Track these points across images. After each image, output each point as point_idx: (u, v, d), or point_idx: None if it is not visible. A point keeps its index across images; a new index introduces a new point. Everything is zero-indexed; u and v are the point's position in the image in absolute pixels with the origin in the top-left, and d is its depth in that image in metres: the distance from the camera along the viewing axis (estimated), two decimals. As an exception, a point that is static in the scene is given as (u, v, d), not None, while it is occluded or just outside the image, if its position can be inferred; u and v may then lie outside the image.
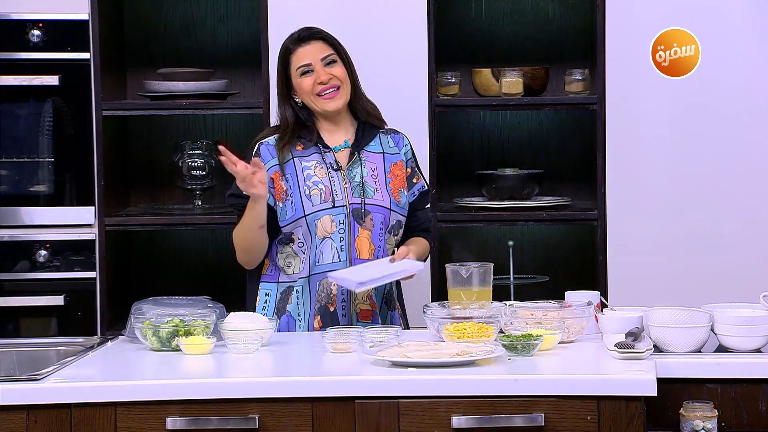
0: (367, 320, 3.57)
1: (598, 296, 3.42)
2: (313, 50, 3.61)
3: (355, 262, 3.55)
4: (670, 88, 4.36)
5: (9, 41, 4.42)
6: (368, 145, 3.65)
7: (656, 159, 4.40)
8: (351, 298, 3.56)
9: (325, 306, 3.56)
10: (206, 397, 2.90)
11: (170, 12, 4.83)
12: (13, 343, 3.51)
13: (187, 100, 4.50)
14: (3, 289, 4.46)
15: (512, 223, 4.50)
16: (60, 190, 4.47)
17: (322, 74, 3.59)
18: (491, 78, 4.53)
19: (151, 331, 3.23)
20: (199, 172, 4.61)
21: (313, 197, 3.57)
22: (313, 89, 3.59)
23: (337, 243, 3.56)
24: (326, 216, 3.56)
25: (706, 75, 4.34)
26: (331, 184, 3.58)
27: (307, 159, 3.61)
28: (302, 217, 3.56)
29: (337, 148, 3.64)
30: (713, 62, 4.33)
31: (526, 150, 4.84)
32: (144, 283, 4.82)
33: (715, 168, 4.38)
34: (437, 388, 2.88)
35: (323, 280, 3.55)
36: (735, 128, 4.37)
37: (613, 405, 2.86)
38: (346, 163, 3.62)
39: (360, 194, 3.59)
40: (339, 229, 3.56)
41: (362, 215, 3.58)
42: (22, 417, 2.88)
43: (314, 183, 3.58)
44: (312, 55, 3.60)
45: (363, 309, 3.58)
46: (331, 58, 3.61)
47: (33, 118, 4.46)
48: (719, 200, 4.38)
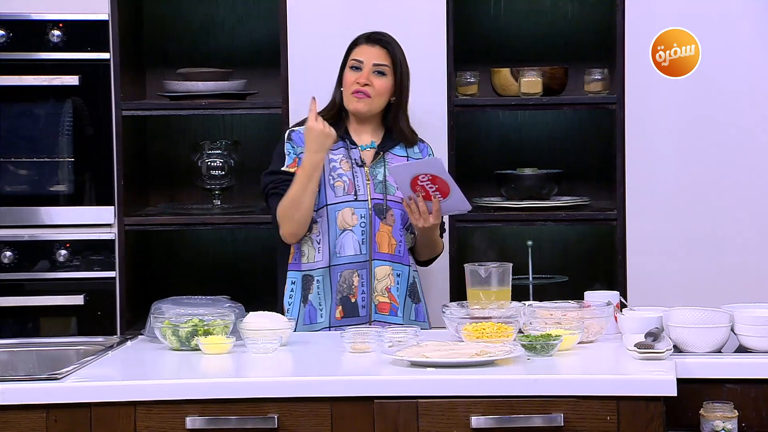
0: (384, 312, 3.64)
1: (618, 296, 3.41)
2: (372, 53, 3.74)
3: (375, 255, 3.65)
4: (688, 89, 4.35)
5: (29, 41, 4.43)
6: (394, 149, 3.76)
7: (676, 159, 4.38)
8: (371, 290, 3.64)
9: (347, 297, 3.64)
10: (225, 396, 2.90)
11: (189, 12, 4.84)
12: (33, 342, 3.52)
13: (206, 100, 4.50)
14: (23, 288, 4.48)
15: (531, 223, 4.49)
16: (80, 190, 4.48)
17: (364, 77, 3.71)
18: (510, 78, 4.52)
19: (171, 330, 3.24)
20: (218, 171, 4.62)
21: (337, 188, 3.67)
22: (352, 85, 3.71)
23: (358, 236, 3.65)
24: (348, 208, 3.66)
25: (717, 74, 4.33)
26: (354, 179, 3.68)
27: (335, 152, 3.71)
28: (324, 207, 3.65)
29: (364, 147, 3.75)
30: (720, 61, 4.33)
31: (545, 150, 4.83)
32: (163, 282, 4.83)
33: (736, 168, 4.36)
34: (456, 388, 2.88)
35: (345, 271, 3.63)
36: (754, 128, 4.36)
37: (633, 405, 2.85)
38: (371, 161, 3.72)
39: (382, 191, 3.69)
40: (360, 223, 3.65)
41: (384, 211, 3.68)
42: (42, 416, 2.89)
43: (339, 175, 3.68)
44: (369, 56, 3.73)
45: (381, 302, 3.66)
46: (383, 69, 3.73)
47: (53, 118, 4.47)
48: (739, 200, 4.36)
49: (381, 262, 3.67)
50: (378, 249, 3.67)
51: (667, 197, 4.38)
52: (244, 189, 4.70)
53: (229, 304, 3.41)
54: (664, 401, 2.86)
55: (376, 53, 3.74)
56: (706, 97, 4.36)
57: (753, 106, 4.35)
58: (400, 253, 3.70)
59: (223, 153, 4.62)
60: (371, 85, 3.70)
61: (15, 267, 4.44)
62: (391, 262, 3.68)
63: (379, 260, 3.67)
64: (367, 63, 3.73)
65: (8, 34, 4.42)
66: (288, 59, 4.36)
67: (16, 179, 4.49)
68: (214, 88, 4.52)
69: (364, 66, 3.72)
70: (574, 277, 4.62)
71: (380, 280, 3.67)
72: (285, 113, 4.39)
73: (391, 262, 3.68)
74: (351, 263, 3.65)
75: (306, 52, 4.33)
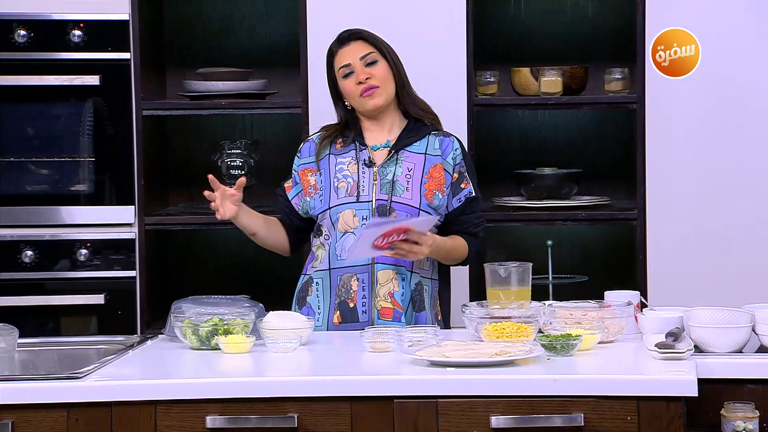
0: (387, 318, 3.54)
1: (638, 296, 3.40)
2: (352, 50, 3.61)
3: (377, 259, 3.53)
4: (708, 88, 4.34)
5: (51, 41, 4.45)
6: (411, 146, 3.63)
7: (696, 158, 4.37)
8: (372, 295, 3.54)
9: (345, 302, 3.55)
10: (245, 396, 2.90)
11: (209, 12, 4.85)
12: (54, 341, 3.53)
13: (226, 99, 4.51)
14: (44, 288, 4.49)
15: (551, 222, 4.49)
16: (100, 190, 4.50)
17: (361, 74, 3.58)
18: (530, 77, 4.52)
19: (191, 330, 3.25)
20: (238, 171, 4.62)
21: (340, 190, 3.58)
22: (355, 90, 3.59)
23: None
24: (349, 210, 3.56)
25: (734, 73, 4.32)
26: (360, 179, 3.58)
27: (343, 156, 3.62)
28: (327, 210, 3.58)
29: (376, 147, 3.64)
30: (736, 60, 4.31)
31: (565, 149, 4.82)
32: (182, 282, 4.85)
33: (758, 167, 4.35)
34: (476, 387, 2.88)
35: (344, 275, 3.55)
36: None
37: (653, 405, 2.84)
38: (382, 160, 3.61)
39: (388, 191, 3.57)
40: (361, 225, 3.54)
41: (386, 212, 3.55)
42: (63, 415, 2.89)
43: (344, 176, 3.59)
44: (351, 55, 3.60)
45: (384, 307, 3.54)
46: (371, 58, 3.60)
47: (74, 118, 4.49)
48: (761, 199, 4.35)
49: (383, 266, 3.53)
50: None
51: (687, 196, 4.37)
52: (264, 188, 4.70)
53: (248, 303, 3.41)
54: (685, 401, 2.85)
55: (356, 48, 3.61)
56: (727, 96, 4.35)
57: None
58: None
59: (242, 152, 4.63)
60: (372, 76, 3.58)
61: (36, 266, 4.46)
62: (395, 266, 3.54)
63: (382, 264, 3.53)
64: (354, 62, 3.59)
65: (30, 34, 4.44)
66: (308, 59, 4.37)
67: (37, 179, 4.51)
68: (233, 88, 4.53)
69: (353, 66, 3.59)
70: (593, 277, 4.61)
71: (383, 285, 3.54)
72: (304, 113, 4.40)
73: (395, 266, 3.54)
74: (351, 267, 3.53)
75: (325, 52, 4.33)
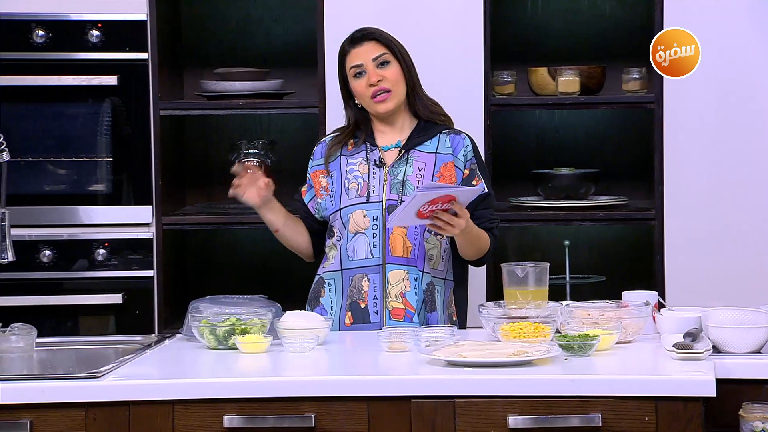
0: (399, 318, 3.53)
1: (656, 296, 3.39)
2: (365, 51, 3.60)
3: (388, 259, 3.53)
4: (726, 88, 4.32)
5: (69, 42, 4.47)
6: (421, 145, 3.62)
7: (714, 158, 4.36)
8: (383, 296, 3.54)
9: (356, 302, 3.55)
10: (263, 395, 2.91)
11: (226, 12, 4.86)
12: (72, 341, 3.55)
13: (243, 99, 4.52)
14: (62, 287, 4.51)
15: (568, 222, 4.48)
16: (118, 190, 4.51)
17: (373, 76, 3.58)
18: (547, 77, 4.51)
19: (208, 329, 3.25)
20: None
21: (350, 191, 3.59)
22: (366, 91, 3.58)
23: (370, 239, 3.55)
24: (359, 210, 3.56)
25: (754, 74, 4.31)
26: (370, 180, 3.58)
27: (354, 157, 3.62)
28: (338, 211, 3.58)
29: (386, 147, 3.64)
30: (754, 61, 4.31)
31: (582, 149, 4.81)
32: (200, 281, 4.85)
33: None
34: (493, 387, 2.87)
35: (355, 275, 3.55)
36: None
37: (671, 406, 2.84)
38: (392, 160, 3.60)
39: (399, 191, 3.56)
40: (372, 225, 3.55)
41: None
42: (81, 414, 2.90)
43: (354, 177, 3.60)
44: (364, 55, 3.60)
45: (396, 307, 3.54)
46: (384, 59, 3.59)
47: (91, 118, 4.50)
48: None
49: (395, 266, 3.53)
50: (392, 252, 3.53)
51: (705, 196, 4.35)
52: (281, 188, 4.68)
53: (266, 303, 3.41)
54: (703, 402, 2.85)
55: (369, 49, 3.59)
56: (745, 96, 4.33)
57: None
58: (416, 257, 3.54)
59: (260, 152, 4.63)
60: (384, 78, 3.57)
61: (54, 266, 4.48)
62: (407, 266, 3.53)
63: (393, 264, 3.53)
64: (366, 62, 3.58)
65: (48, 34, 4.45)
66: (325, 58, 4.37)
67: (55, 179, 4.52)
68: (251, 88, 4.54)
69: (365, 67, 3.58)
70: (611, 277, 4.60)
71: (394, 285, 3.53)
72: (321, 113, 4.40)
73: (407, 266, 3.53)
74: (362, 267, 3.53)
75: (343, 52, 4.34)
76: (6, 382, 2.94)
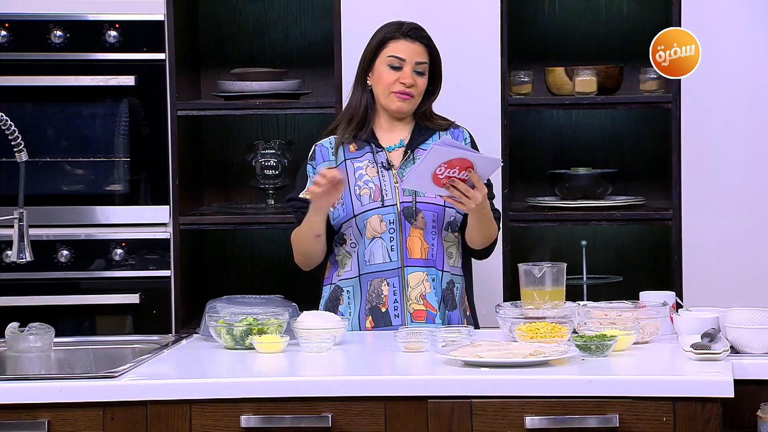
0: (420, 320, 3.52)
1: (674, 297, 3.38)
2: (414, 50, 3.57)
3: (407, 262, 3.52)
4: (744, 87, 4.31)
5: (86, 42, 4.48)
6: (424, 143, 3.61)
7: (732, 158, 4.34)
8: (404, 298, 3.52)
9: (376, 306, 3.53)
10: (280, 395, 2.91)
11: (244, 12, 4.86)
12: (90, 341, 3.55)
13: (260, 99, 4.52)
14: (80, 287, 4.52)
15: (585, 222, 4.47)
16: (135, 190, 4.52)
17: (408, 77, 3.55)
18: (564, 77, 4.50)
19: (225, 329, 3.26)
20: (272, 171, 4.64)
21: (363, 197, 3.55)
22: (393, 85, 3.56)
23: (387, 243, 3.53)
24: (375, 216, 3.54)
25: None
26: (381, 183, 3.56)
27: (360, 159, 3.60)
28: (352, 218, 3.54)
29: (391, 148, 3.62)
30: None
31: (600, 149, 4.80)
32: (217, 281, 4.86)
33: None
34: (510, 388, 2.87)
35: (374, 280, 3.53)
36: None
37: (689, 406, 2.83)
38: (399, 161, 3.59)
39: (411, 192, 3.54)
40: (389, 229, 3.53)
41: (413, 214, 3.53)
42: (99, 414, 2.91)
43: (365, 182, 3.56)
44: (411, 53, 3.57)
45: (417, 309, 3.53)
46: (423, 68, 3.58)
47: (109, 118, 4.51)
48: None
49: (414, 268, 3.51)
50: (410, 255, 3.51)
51: (723, 196, 4.34)
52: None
53: (282, 303, 3.42)
54: (721, 402, 2.84)
55: (417, 51, 3.57)
56: (763, 96, 4.32)
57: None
58: (434, 257, 3.53)
59: (276, 153, 4.64)
60: (415, 85, 3.55)
61: (71, 266, 4.49)
62: (425, 267, 3.52)
63: (412, 266, 3.51)
64: (409, 61, 3.55)
65: (65, 34, 4.47)
66: (342, 59, 4.37)
67: (73, 179, 4.53)
68: (268, 88, 4.54)
69: (405, 65, 3.55)
70: (628, 278, 4.59)
71: (414, 288, 3.52)
72: (338, 113, 4.40)
73: (425, 267, 3.52)
74: (380, 272, 3.52)
75: (359, 52, 4.33)
76: (24, 381, 2.96)
